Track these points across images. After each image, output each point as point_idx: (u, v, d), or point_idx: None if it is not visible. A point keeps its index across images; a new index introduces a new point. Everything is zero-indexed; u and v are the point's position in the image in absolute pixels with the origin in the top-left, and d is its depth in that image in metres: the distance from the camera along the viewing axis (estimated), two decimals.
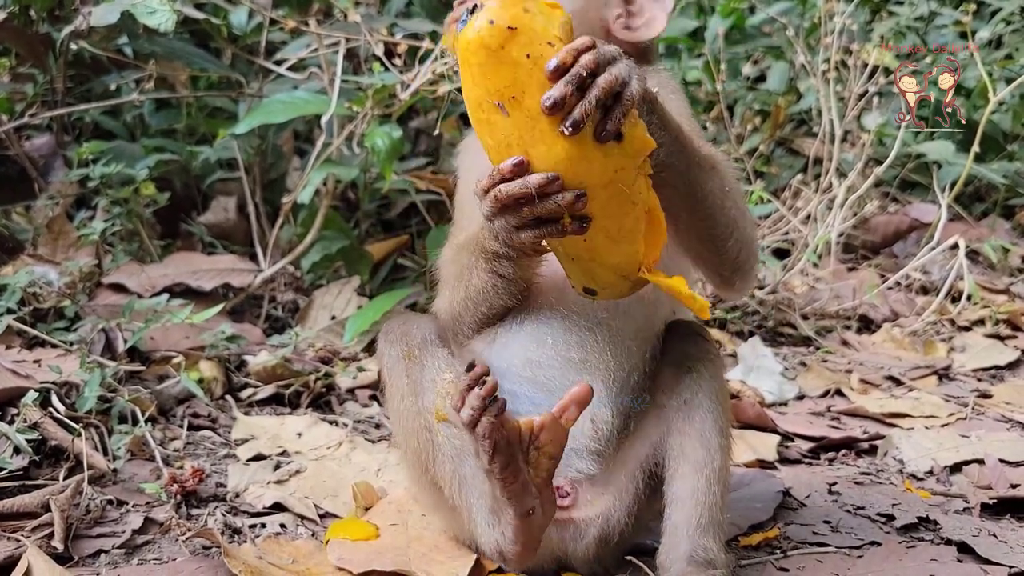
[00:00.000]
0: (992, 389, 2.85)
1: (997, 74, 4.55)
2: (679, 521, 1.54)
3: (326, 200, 3.06)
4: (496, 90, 1.22)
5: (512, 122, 1.23)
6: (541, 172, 1.23)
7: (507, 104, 1.22)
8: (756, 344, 3.04)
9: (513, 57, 1.21)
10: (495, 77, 1.22)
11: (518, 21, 1.21)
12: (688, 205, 1.45)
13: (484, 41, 1.21)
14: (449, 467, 1.52)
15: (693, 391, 1.56)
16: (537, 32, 1.21)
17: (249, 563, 1.57)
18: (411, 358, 1.55)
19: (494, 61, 1.21)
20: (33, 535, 1.67)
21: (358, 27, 2.87)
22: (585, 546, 1.56)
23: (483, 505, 1.48)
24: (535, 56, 1.21)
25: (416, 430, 1.54)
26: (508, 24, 1.20)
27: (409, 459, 1.61)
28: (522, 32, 1.21)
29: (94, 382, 2.11)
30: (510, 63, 1.21)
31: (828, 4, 3.71)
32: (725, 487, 1.56)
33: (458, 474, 1.51)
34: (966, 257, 3.38)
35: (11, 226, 2.98)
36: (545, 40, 1.21)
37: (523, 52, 1.20)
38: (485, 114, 1.26)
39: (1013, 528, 1.87)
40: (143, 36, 3.11)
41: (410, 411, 1.55)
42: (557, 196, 1.22)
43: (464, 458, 1.50)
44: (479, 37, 1.21)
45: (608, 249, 1.32)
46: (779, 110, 4.45)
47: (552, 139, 1.22)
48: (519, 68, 1.21)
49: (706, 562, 1.50)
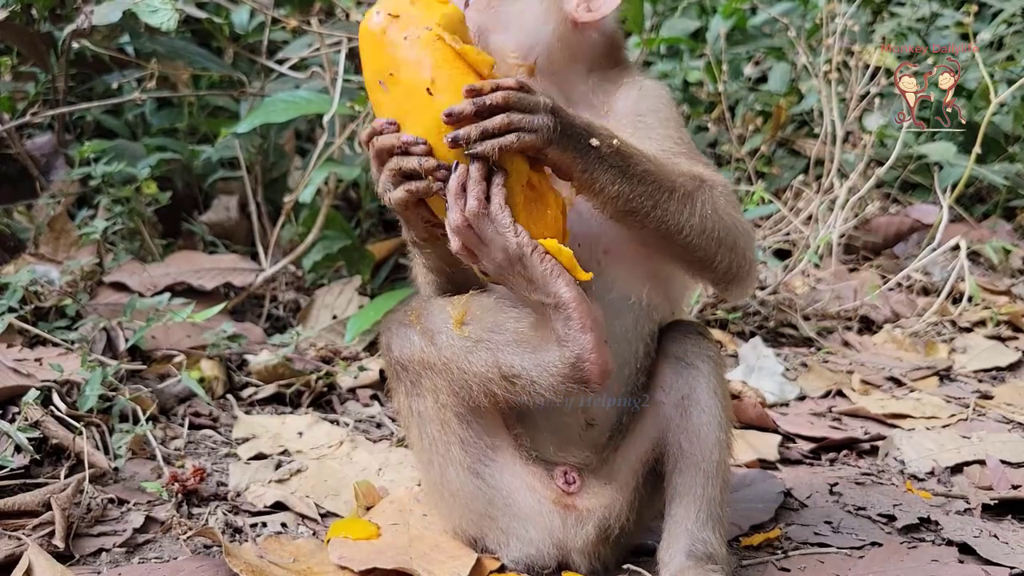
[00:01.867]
0: (993, 390, 2.85)
1: (998, 76, 4.55)
2: (679, 516, 1.55)
3: (328, 199, 3.06)
4: (378, 70, 1.37)
5: (391, 98, 1.37)
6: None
7: (387, 81, 1.36)
8: (757, 345, 3.04)
9: (391, 39, 1.35)
10: (377, 59, 1.37)
11: (401, 10, 1.36)
12: (661, 240, 1.48)
13: (369, 28, 1.37)
14: (487, 352, 1.46)
15: (691, 387, 1.57)
16: (417, 20, 1.35)
17: (250, 562, 1.57)
18: (418, 315, 1.55)
19: (377, 45, 1.36)
20: (34, 534, 1.67)
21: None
22: (585, 534, 1.55)
23: (536, 344, 1.43)
24: (412, 38, 1.34)
25: (445, 360, 1.49)
26: (390, 12, 1.36)
27: (440, 401, 1.55)
28: (403, 19, 1.35)
29: (95, 381, 2.11)
30: (388, 44, 1.35)
31: (830, 5, 3.71)
32: (725, 482, 1.57)
33: (499, 346, 1.46)
34: (967, 258, 3.38)
35: (13, 225, 2.99)
36: (424, 25, 1.35)
37: (401, 34, 1.34)
38: (374, 95, 1.40)
39: (1014, 529, 1.87)
40: (145, 35, 3.11)
41: (431, 351, 1.52)
42: (421, 157, 1.34)
43: (497, 328, 1.47)
44: (366, 25, 1.37)
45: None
46: (780, 111, 4.45)
47: (422, 112, 1.33)
48: (397, 48, 1.34)
49: (706, 556, 1.51)
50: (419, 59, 1.33)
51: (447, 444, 1.59)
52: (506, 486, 1.57)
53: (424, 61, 1.33)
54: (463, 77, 1.34)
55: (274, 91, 3.15)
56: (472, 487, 1.59)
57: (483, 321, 1.49)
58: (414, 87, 1.33)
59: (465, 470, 1.58)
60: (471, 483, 1.58)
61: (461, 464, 1.58)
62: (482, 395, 1.50)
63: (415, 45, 1.33)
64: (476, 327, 1.49)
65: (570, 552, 1.57)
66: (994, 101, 3.17)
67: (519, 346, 1.46)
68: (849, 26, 3.52)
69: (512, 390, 1.47)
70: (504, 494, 1.57)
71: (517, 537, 1.58)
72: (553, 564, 1.59)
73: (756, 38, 4.58)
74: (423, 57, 1.33)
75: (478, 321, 1.49)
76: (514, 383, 1.46)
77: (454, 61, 1.34)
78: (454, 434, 1.57)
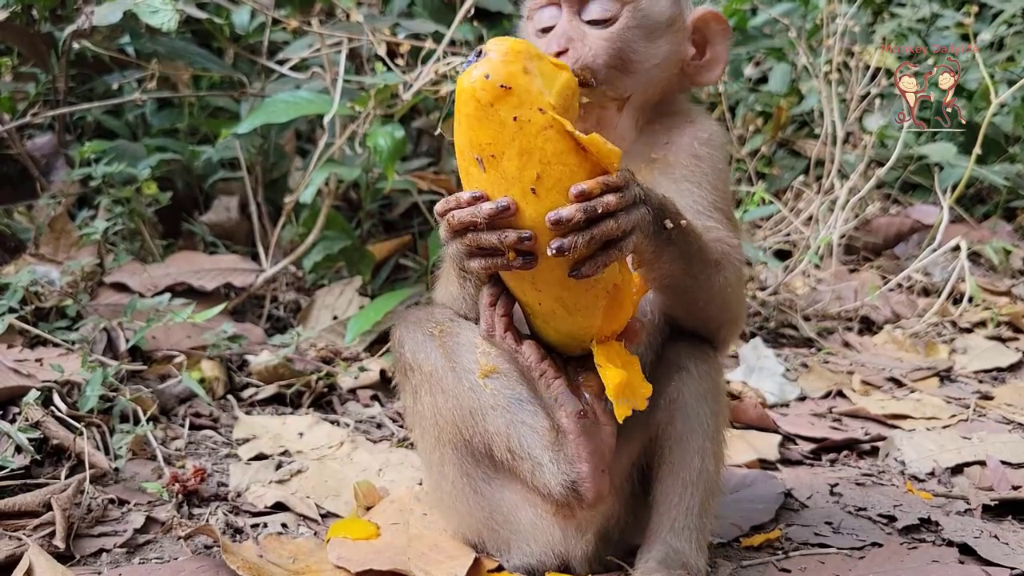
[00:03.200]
0: (993, 391, 2.85)
1: (999, 76, 4.55)
2: (655, 523, 1.54)
3: (328, 200, 3.06)
4: (478, 144, 1.23)
5: (487, 178, 1.24)
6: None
7: (485, 160, 1.23)
8: (758, 345, 3.04)
9: (500, 116, 1.20)
10: (480, 131, 1.22)
11: (514, 81, 1.20)
12: (683, 299, 1.52)
13: (476, 94, 1.21)
14: (503, 419, 1.48)
15: (679, 391, 1.55)
16: (531, 95, 1.20)
17: (249, 560, 1.57)
18: (442, 332, 1.55)
19: (481, 116, 1.21)
20: (35, 534, 1.67)
21: (360, 27, 2.88)
22: (586, 542, 1.55)
23: (546, 443, 1.45)
24: (522, 120, 1.20)
25: (457, 396, 1.51)
26: (502, 82, 1.20)
27: (444, 435, 1.55)
28: (515, 93, 1.20)
29: (96, 381, 2.11)
30: (496, 121, 1.20)
31: (830, 6, 3.71)
32: (708, 491, 1.54)
33: (514, 421, 1.48)
34: (967, 259, 3.38)
35: (13, 225, 2.99)
36: (536, 105, 1.20)
37: (511, 114, 1.20)
38: (465, 162, 1.27)
39: (1015, 530, 1.87)
40: (145, 35, 3.12)
41: (447, 379, 1.52)
42: (502, 232, 1.25)
43: (519, 404, 1.48)
44: (472, 88, 1.21)
45: (562, 317, 1.34)
46: (781, 111, 4.45)
47: (523, 204, 1.23)
48: (504, 128, 1.20)
49: (679, 565, 1.50)
50: (528, 151, 1.20)
51: (443, 461, 1.60)
52: (507, 502, 1.56)
53: (533, 155, 1.21)
54: (573, 177, 1.22)
55: (274, 92, 3.15)
56: (472, 501, 1.59)
57: (509, 385, 1.49)
58: (517, 180, 1.22)
59: (464, 486, 1.58)
60: (471, 497, 1.59)
61: (459, 479, 1.58)
62: (480, 446, 1.52)
63: (526, 133, 1.20)
64: (500, 387, 1.49)
65: (571, 560, 1.58)
66: (994, 102, 3.17)
67: (533, 432, 1.47)
68: (849, 27, 3.53)
69: (511, 463, 1.50)
70: (504, 510, 1.57)
71: (518, 548, 1.58)
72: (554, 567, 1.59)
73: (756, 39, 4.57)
74: (533, 149, 1.20)
75: (503, 381, 1.49)
76: (516, 460, 1.49)
77: (565, 156, 1.22)
78: (453, 453, 1.57)
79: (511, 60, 1.21)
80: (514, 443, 1.48)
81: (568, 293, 1.30)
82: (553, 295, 1.31)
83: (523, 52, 1.22)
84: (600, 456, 1.42)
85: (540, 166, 1.21)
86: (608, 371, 1.35)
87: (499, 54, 1.21)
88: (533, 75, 1.21)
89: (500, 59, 1.20)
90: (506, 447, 1.48)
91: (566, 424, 1.40)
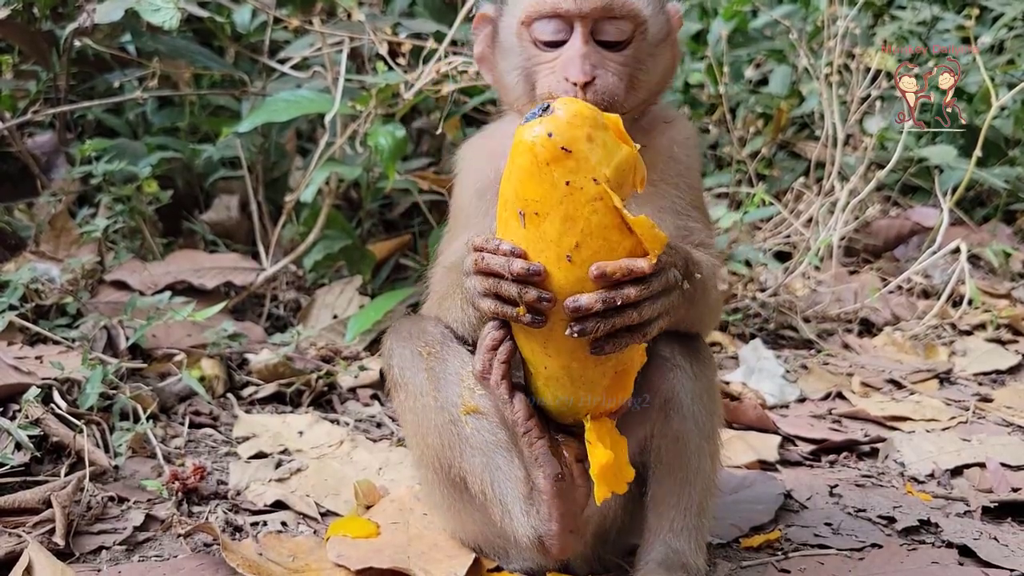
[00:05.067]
0: (993, 393, 2.85)
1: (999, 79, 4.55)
2: (654, 524, 1.54)
3: (329, 199, 3.06)
4: (524, 198, 1.22)
5: (525, 234, 1.23)
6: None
7: (528, 216, 1.22)
8: (758, 346, 3.04)
9: (553, 177, 1.19)
10: (529, 186, 1.21)
11: (575, 145, 1.19)
12: (678, 324, 1.51)
13: (535, 149, 1.19)
14: (480, 460, 1.48)
15: (674, 391, 1.53)
16: (589, 163, 1.20)
17: (248, 558, 1.57)
18: (431, 355, 1.53)
19: (535, 172, 1.20)
20: (34, 531, 1.67)
21: (362, 26, 2.88)
22: (583, 544, 1.55)
23: (518, 494, 1.45)
24: (574, 186, 1.19)
25: (438, 426, 1.51)
26: (564, 144, 1.18)
27: (426, 457, 1.56)
28: (574, 157, 1.19)
29: (96, 379, 2.11)
30: (548, 181, 1.20)
31: (831, 8, 3.71)
32: (705, 491, 1.54)
33: (490, 465, 1.47)
34: (967, 261, 3.38)
35: (13, 223, 2.99)
36: (592, 175, 1.19)
37: (565, 177, 1.19)
38: (506, 212, 1.26)
39: (1014, 531, 1.88)
40: (147, 34, 3.12)
41: (430, 407, 1.52)
42: (524, 288, 1.24)
43: (497, 448, 1.47)
44: (532, 143, 1.20)
45: (564, 386, 1.33)
46: (781, 113, 4.45)
47: (553, 269, 1.22)
48: (554, 190, 1.20)
49: (678, 566, 1.50)
50: (573, 217, 1.19)
51: (428, 479, 1.60)
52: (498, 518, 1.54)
53: (577, 223, 1.20)
54: (611, 253, 1.22)
55: (275, 90, 3.15)
56: (465, 514, 1.59)
57: (490, 428, 1.48)
58: (555, 244, 1.21)
59: (455, 501, 1.58)
60: (463, 511, 1.59)
61: (450, 495, 1.59)
62: (457, 477, 1.52)
63: (575, 199, 1.19)
64: (480, 427, 1.48)
65: (569, 561, 1.58)
66: (995, 104, 3.17)
67: (507, 480, 1.46)
68: (850, 29, 3.52)
69: (483, 502, 1.49)
70: (496, 524, 1.54)
71: (516, 555, 1.59)
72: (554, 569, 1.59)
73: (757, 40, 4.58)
74: (578, 217, 1.19)
75: (485, 423, 1.48)
76: (488, 501, 1.48)
77: (608, 231, 1.21)
78: (435, 476, 1.57)
79: (577, 124, 1.20)
80: (487, 486, 1.47)
81: (577, 364, 1.29)
82: (561, 362, 1.30)
83: (590, 119, 1.21)
84: (572, 517, 1.41)
85: (581, 236, 1.20)
86: (597, 451, 1.33)
87: (567, 115, 1.20)
88: (595, 144, 1.20)
89: (566, 120, 1.20)
90: (480, 488, 1.48)
91: (542, 485, 1.38)
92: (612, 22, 1.52)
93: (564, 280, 1.22)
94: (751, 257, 3.47)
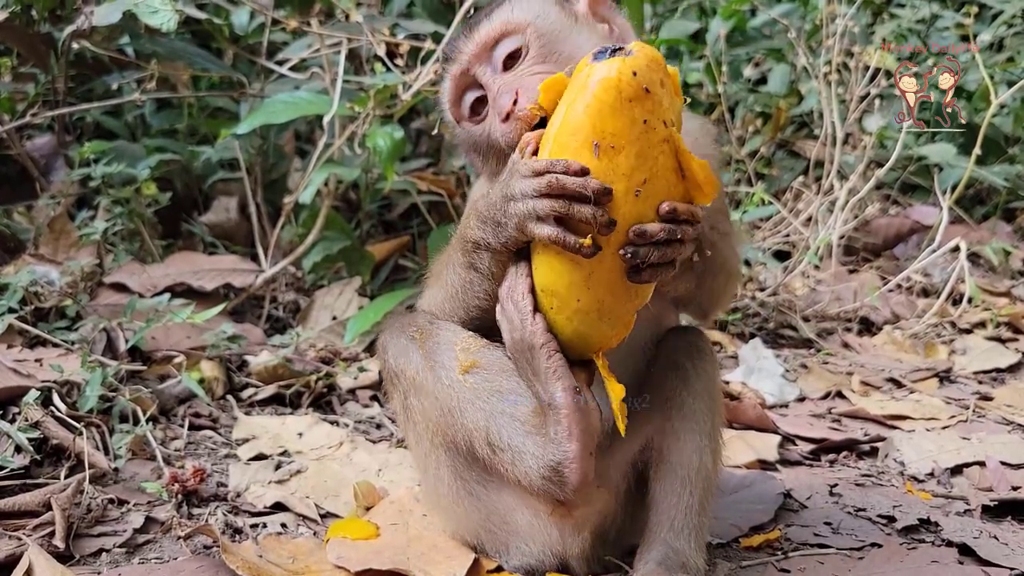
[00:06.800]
0: (993, 391, 2.85)
1: (998, 77, 4.55)
2: (654, 523, 1.54)
3: (327, 200, 3.07)
4: (602, 130, 1.26)
5: (597, 165, 1.26)
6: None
7: (603, 149, 1.26)
8: (757, 346, 3.04)
9: (633, 114, 1.25)
10: (609, 120, 1.25)
11: (654, 87, 1.25)
12: (685, 301, 1.61)
13: (619, 86, 1.24)
14: (482, 412, 1.47)
15: (676, 389, 1.54)
16: (662, 106, 1.26)
17: (248, 560, 1.57)
18: (422, 335, 1.55)
19: (617, 107, 1.25)
20: (34, 534, 1.67)
21: (360, 27, 2.88)
22: (582, 541, 1.55)
23: (528, 429, 1.44)
24: (649, 126, 1.25)
25: (437, 396, 1.51)
26: (645, 85, 1.25)
27: (432, 435, 1.56)
28: (652, 99, 1.25)
29: (95, 381, 2.11)
30: (628, 118, 1.25)
31: (830, 6, 3.71)
32: (706, 490, 1.55)
33: (494, 412, 1.47)
34: (967, 260, 3.38)
35: (13, 226, 2.99)
36: (663, 117, 1.26)
37: (643, 116, 1.25)
38: (575, 142, 1.28)
39: (1014, 530, 1.87)
40: (145, 36, 3.12)
41: (427, 381, 1.52)
42: (599, 210, 1.26)
43: (499, 395, 1.47)
44: (618, 79, 1.24)
45: (591, 320, 1.34)
46: (780, 112, 4.45)
47: (619, 200, 1.26)
48: (632, 127, 1.25)
49: (679, 566, 1.50)
50: (645, 155, 1.26)
51: (438, 464, 1.59)
52: (503, 504, 1.55)
53: (646, 161, 1.26)
54: (668, 194, 1.29)
55: (274, 92, 3.15)
56: (468, 504, 1.58)
57: (488, 379, 1.48)
58: (625, 178, 1.26)
59: (459, 489, 1.58)
60: (467, 500, 1.58)
61: (454, 483, 1.58)
62: (463, 444, 1.51)
63: (649, 138, 1.25)
64: (479, 381, 1.48)
65: (568, 559, 1.58)
66: (994, 102, 3.17)
67: (513, 421, 1.45)
68: (849, 27, 3.53)
69: (491, 458, 1.48)
70: (501, 512, 1.56)
71: (516, 548, 1.58)
72: (553, 567, 1.59)
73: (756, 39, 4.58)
74: (648, 156, 1.26)
75: (483, 375, 1.48)
76: (495, 453, 1.47)
77: (669, 173, 1.28)
78: (446, 456, 1.57)
79: (654, 68, 1.26)
80: (493, 435, 1.46)
81: (611, 298, 1.32)
82: (597, 296, 1.32)
83: (662, 65, 1.28)
84: (589, 436, 1.40)
85: (650, 173, 1.27)
86: (612, 383, 1.37)
87: (644, 59, 1.26)
88: (666, 90, 1.27)
89: (645, 63, 1.26)
90: (485, 440, 1.47)
91: (560, 398, 1.37)
92: (498, 46, 1.52)
93: (628, 212, 1.27)
94: (750, 256, 3.47)
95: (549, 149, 1.32)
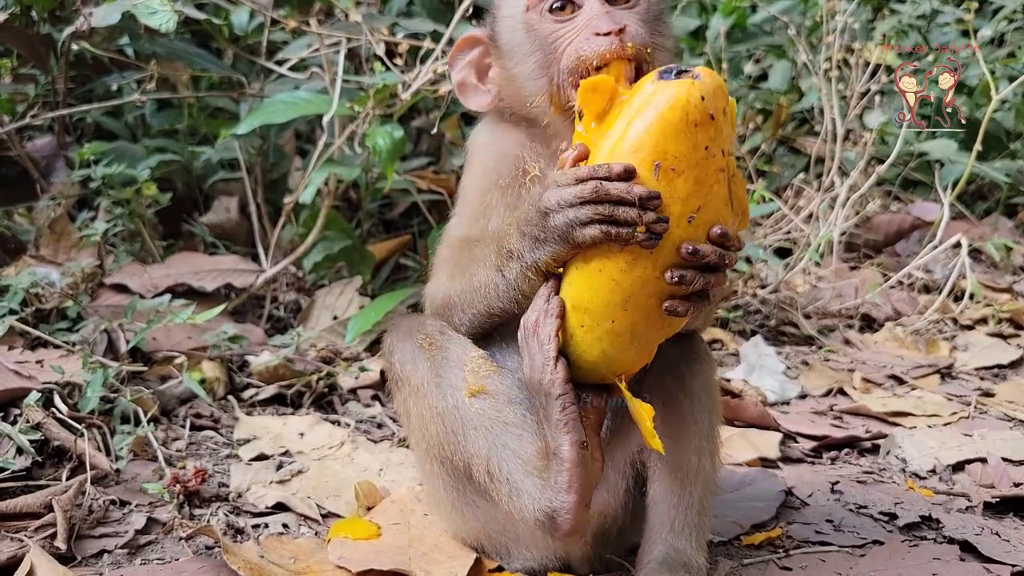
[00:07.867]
0: (995, 388, 2.85)
1: (999, 72, 4.55)
2: (654, 523, 1.54)
3: (328, 200, 3.06)
4: (664, 152, 1.25)
5: (655, 186, 1.25)
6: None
7: (663, 171, 1.25)
8: (758, 343, 3.04)
9: (697, 140, 1.25)
10: (673, 142, 1.25)
11: (718, 115, 1.26)
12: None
13: (688, 108, 1.24)
14: (484, 441, 1.46)
15: (672, 390, 1.54)
16: (722, 135, 1.27)
17: (250, 560, 1.57)
18: (432, 346, 1.52)
19: (683, 129, 1.25)
20: (36, 535, 1.67)
21: (359, 27, 2.87)
22: (584, 543, 1.55)
23: (529, 470, 1.42)
24: (712, 152, 1.26)
25: (440, 412, 1.49)
26: (711, 112, 1.25)
27: (429, 449, 1.55)
28: (715, 126, 1.26)
29: (96, 382, 2.12)
30: (691, 142, 1.25)
31: (830, 3, 3.70)
32: (705, 489, 1.54)
33: (496, 444, 1.45)
34: (968, 256, 3.38)
35: (13, 227, 2.99)
36: (723, 146, 1.27)
37: (705, 142, 1.25)
38: (636, 159, 1.26)
39: (1016, 527, 1.87)
40: (144, 37, 3.12)
41: (432, 395, 1.51)
42: (643, 211, 1.25)
43: (504, 427, 1.45)
44: (687, 101, 1.24)
45: (621, 344, 1.33)
46: (781, 109, 4.45)
47: (673, 224, 1.25)
48: (694, 152, 1.25)
49: (680, 565, 1.49)
50: (702, 182, 1.26)
51: (434, 474, 1.59)
52: (502, 513, 1.52)
53: (703, 188, 1.26)
54: (720, 222, 1.29)
55: (274, 92, 3.15)
56: (467, 512, 1.59)
57: (496, 408, 1.47)
58: (681, 202, 1.25)
59: (457, 498, 1.58)
60: (466, 508, 1.58)
61: (452, 492, 1.58)
62: (461, 465, 1.50)
63: (708, 166, 1.26)
64: (486, 408, 1.47)
65: (570, 560, 1.58)
66: (995, 98, 3.16)
67: (516, 458, 1.44)
68: (849, 24, 3.52)
69: (488, 485, 1.47)
70: (500, 520, 1.56)
71: (518, 552, 1.59)
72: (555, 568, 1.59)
73: (756, 36, 4.57)
74: (705, 183, 1.26)
75: (491, 403, 1.47)
76: (493, 483, 1.46)
77: (719, 202, 1.28)
78: (440, 468, 1.56)
79: (719, 95, 1.27)
80: (494, 466, 1.45)
81: (645, 323, 1.32)
82: (632, 318, 1.31)
83: (725, 93, 1.28)
84: (588, 489, 1.39)
85: (704, 200, 1.27)
86: (637, 404, 1.36)
87: (712, 84, 1.27)
88: (727, 119, 1.28)
89: (712, 89, 1.26)
90: (485, 469, 1.46)
91: (567, 451, 1.36)
92: None
93: (678, 237, 1.27)
94: (751, 254, 3.47)
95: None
